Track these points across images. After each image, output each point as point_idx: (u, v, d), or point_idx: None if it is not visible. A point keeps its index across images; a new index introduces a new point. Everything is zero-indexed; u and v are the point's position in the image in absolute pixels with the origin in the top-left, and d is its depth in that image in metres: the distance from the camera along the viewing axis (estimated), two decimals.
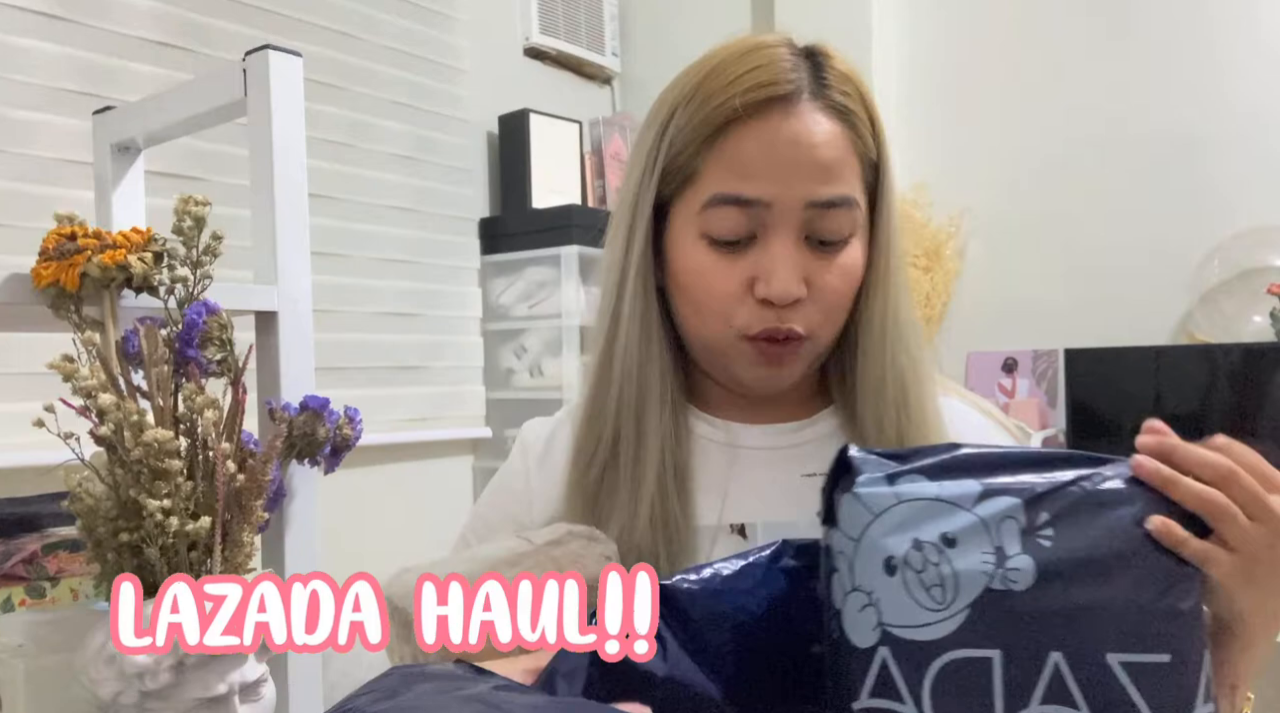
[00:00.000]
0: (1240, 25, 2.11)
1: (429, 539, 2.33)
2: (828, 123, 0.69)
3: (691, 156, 0.70)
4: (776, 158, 0.68)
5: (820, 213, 0.69)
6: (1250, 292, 2.04)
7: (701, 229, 0.70)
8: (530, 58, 2.72)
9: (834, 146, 0.69)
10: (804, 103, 0.69)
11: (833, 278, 0.70)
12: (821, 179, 0.68)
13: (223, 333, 0.72)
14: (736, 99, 0.67)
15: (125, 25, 1.77)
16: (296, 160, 0.86)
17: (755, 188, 0.68)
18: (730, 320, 0.71)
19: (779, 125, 0.68)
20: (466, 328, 2.45)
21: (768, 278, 0.68)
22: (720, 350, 0.73)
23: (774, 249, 0.69)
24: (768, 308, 0.69)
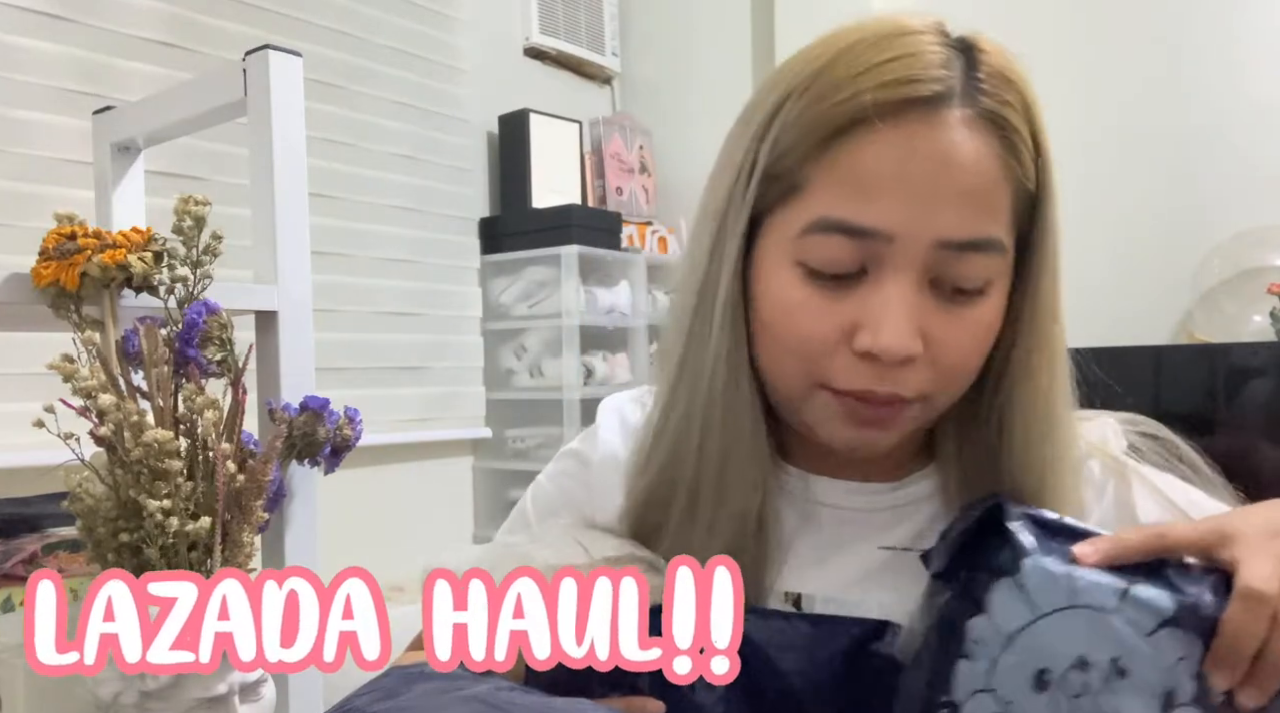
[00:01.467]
0: (1240, 26, 2.11)
1: (429, 539, 2.33)
2: (979, 139, 0.53)
3: (798, 163, 0.55)
4: (908, 180, 0.52)
5: (954, 256, 0.54)
6: (1250, 292, 2.04)
7: (798, 257, 0.56)
8: (530, 58, 2.72)
9: (984, 171, 0.54)
10: (952, 110, 0.53)
11: (959, 335, 0.55)
12: (963, 213, 0.53)
13: (223, 333, 0.71)
14: (867, 95, 0.52)
15: (125, 25, 1.77)
16: (296, 160, 0.86)
17: (875, 216, 0.53)
18: (817, 371, 0.57)
19: (916, 136, 0.52)
20: (466, 328, 2.45)
21: (875, 328, 0.54)
22: (799, 403, 0.60)
23: (888, 292, 0.54)
24: (868, 363, 0.55)
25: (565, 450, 0.77)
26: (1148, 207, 2.19)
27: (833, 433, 0.59)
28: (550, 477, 0.78)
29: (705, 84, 2.80)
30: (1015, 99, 0.55)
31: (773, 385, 0.61)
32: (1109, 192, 2.23)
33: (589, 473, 0.73)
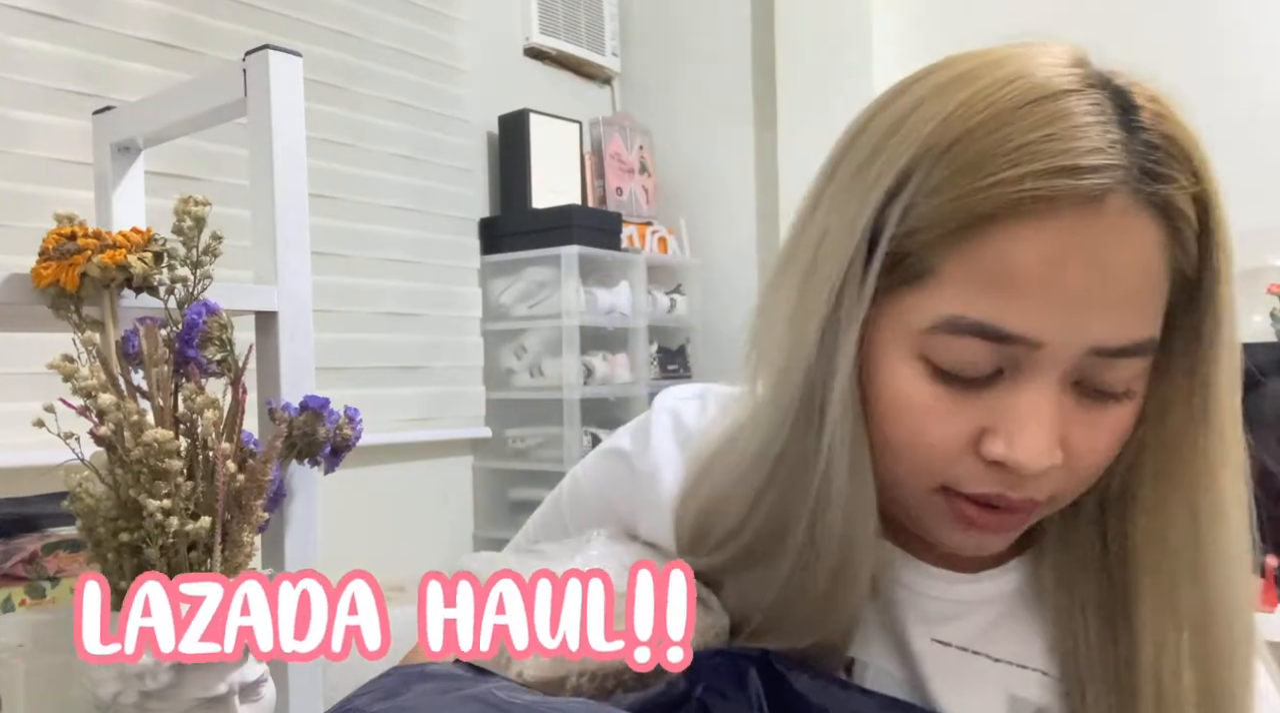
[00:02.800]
0: (1239, 26, 2.11)
1: (429, 539, 2.33)
2: (1143, 230, 0.46)
3: (932, 245, 0.47)
4: (1064, 282, 0.45)
5: (1106, 363, 0.47)
6: (1250, 292, 2.04)
7: (923, 351, 0.49)
8: (530, 58, 2.72)
9: (1147, 270, 0.46)
10: (1120, 197, 0.45)
11: (1099, 438, 0.49)
12: (1122, 318, 0.46)
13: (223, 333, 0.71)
14: (1027, 183, 0.44)
15: (125, 25, 1.77)
16: (296, 160, 0.86)
17: (1022, 321, 0.46)
18: (940, 474, 0.51)
19: (1075, 231, 0.45)
20: (466, 328, 2.45)
21: (1011, 437, 0.47)
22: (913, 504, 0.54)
23: (1030, 398, 0.47)
24: (998, 471, 0.49)
25: (611, 449, 0.70)
26: None
27: (946, 536, 0.53)
28: (590, 478, 0.72)
29: (705, 84, 2.80)
30: (1183, 172, 0.47)
31: (884, 481, 0.53)
32: None
33: (636, 484, 0.67)
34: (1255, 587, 0.52)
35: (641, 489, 0.66)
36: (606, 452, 0.71)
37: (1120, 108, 0.47)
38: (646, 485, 0.66)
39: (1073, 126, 0.45)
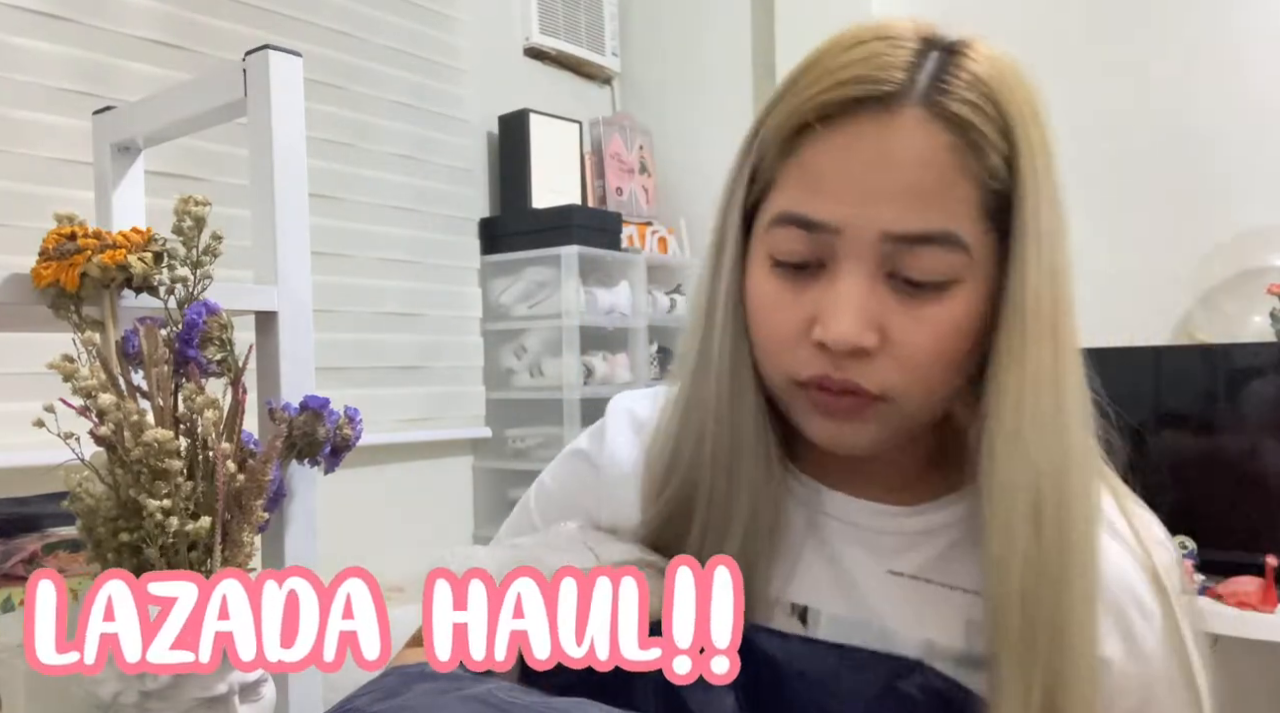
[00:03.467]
0: (1241, 26, 2.11)
1: (429, 539, 2.33)
2: (933, 136, 0.54)
3: (772, 162, 0.58)
4: (852, 175, 0.54)
5: (905, 249, 0.54)
6: (1250, 292, 2.04)
7: (768, 249, 0.58)
8: (530, 58, 2.72)
9: (934, 166, 0.54)
10: (905, 108, 0.54)
11: (918, 331, 0.55)
12: (908, 207, 0.54)
13: (223, 333, 0.72)
14: (823, 95, 0.55)
15: (125, 25, 1.77)
16: (296, 160, 0.86)
17: (823, 209, 0.55)
18: (787, 366, 0.58)
19: (863, 133, 0.54)
20: (466, 328, 2.45)
21: (826, 320, 0.55)
22: (783, 398, 0.61)
23: (839, 286, 0.55)
24: (825, 353, 0.56)
25: (571, 451, 0.76)
26: (1148, 207, 2.19)
27: (811, 429, 0.60)
28: (555, 478, 0.77)
29: (705, 84, 2.80)
30: (984, 98, 0.55)
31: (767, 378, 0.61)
32: (1109, 192, 2.23)
33: (597, 476, 0.72)
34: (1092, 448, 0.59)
35: (603, 478, 0.71)
36: (568, 454, 0.76)
37: (940, 51, 0.56)
38: (607, 472, 0.71)
39: (878, 54, 0.55)
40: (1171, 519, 2.15)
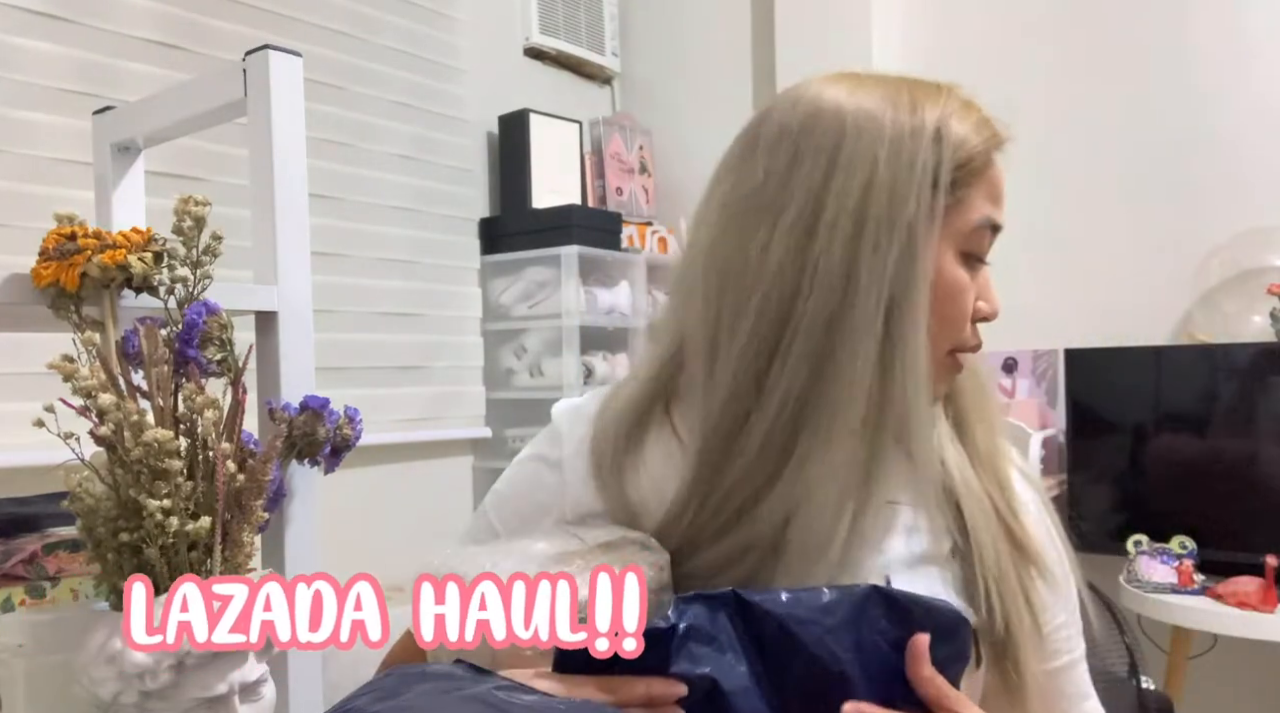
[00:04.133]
0: (1240, 25, 2.11)
1: (429, 539, 2.33)
2: None
3: (967, 176, 0.70)
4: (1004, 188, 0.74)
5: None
6: (1250, 292, 2.04)
7: (964, 247, 0.71)
8: (530, 58, 2.72)
9: None
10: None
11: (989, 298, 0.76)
12: None
13: (223, 333, 0.72)
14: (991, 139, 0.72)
15: (125, 25, 1.77)
16: (296, 160, 0.86)
17: (1000, 215, 0.73)
18: (964, 336, 0.73)
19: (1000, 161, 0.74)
20: (466, 328, 2.45)
21: (990, 299, 0.74)
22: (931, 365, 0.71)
23: (986, 271, 0.74)
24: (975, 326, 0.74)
25: (526, 456, 0.82)
26: (1148, 207, 2.19)
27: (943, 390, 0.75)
28: (511, 484, 0.82)
29: (705, 84, 2.80)
30: None
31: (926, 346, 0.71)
32: (1109, 192, 2.23)
33: (559, 475, 0.78)
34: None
35: (565, 475, 0.78)
36: (523, 460, 0.83)
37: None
38: (569, 468, 0.78)
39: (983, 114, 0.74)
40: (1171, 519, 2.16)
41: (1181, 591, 1.80)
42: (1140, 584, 1.83)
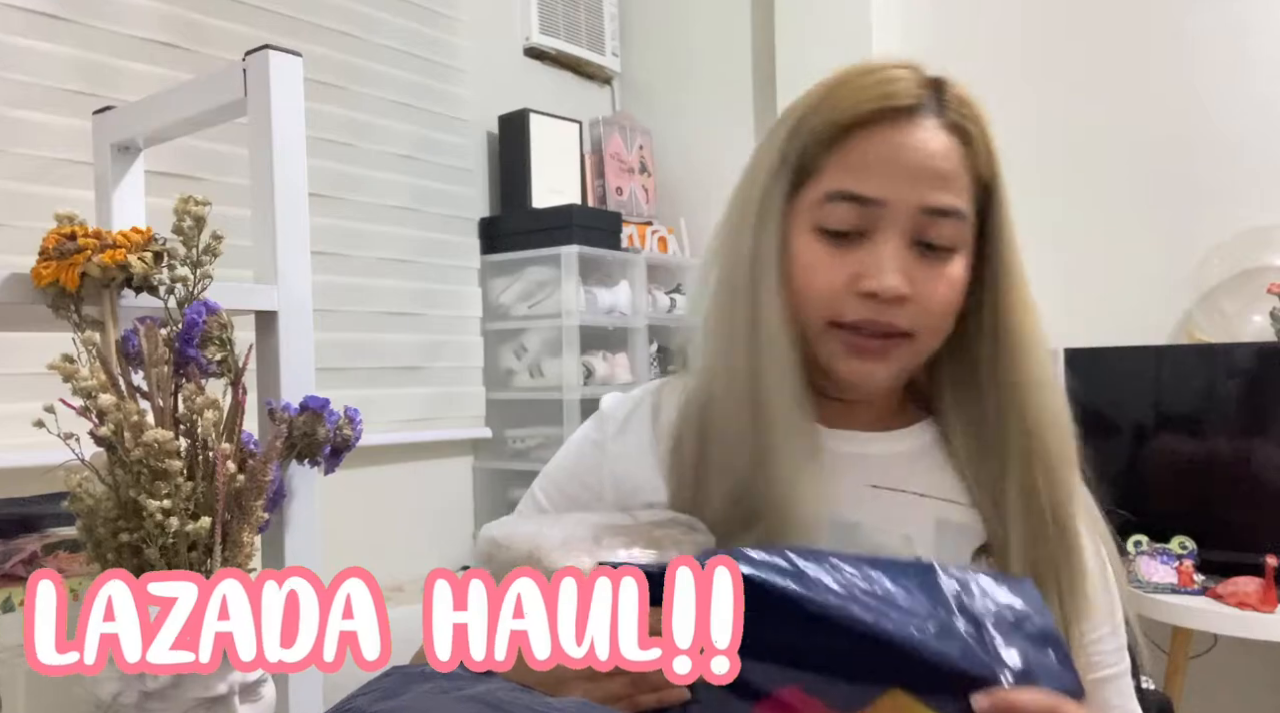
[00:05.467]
0: (1240, 25, 2.11)
1: (429, 539, 2.33)
2: (946, 139, 0.71)
3: (815, 156, 0.72)
4: (896, 162, 0.70)
5: (932, 221, 0.70)
6: (1250, 292, 2.04)
7: (816, 223, 0.72)
8: (530, 58, 2.72)
9: (950, 160, 0.71)
10: (925, 117, 0.71)
11: (938, 285, 0.71)
12: (937, 187, 0.70)
13: (223, 333, 0.72)
14: (864, 105, 0.71)
15: (125, 25, 1.77)
16: (296, 160, 0.86)
17: (873, 188, 0.70)
18: (828, 312, 0.72)
19: (901, 132, 0.71)
20: (466, 328, 2.45)
21: (875, 274, 0.70)
22: (815, 341, 0.74)
23: (883, 248, 0.70)
24: (869, 302, 0.71)
25: (578, 437, 0.85)
26: (1148, 207, 2.19)
27: (840, 367, 0.73)
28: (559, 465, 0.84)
29: (705, 84, 2.80)
30: (972, 116, 0.73)
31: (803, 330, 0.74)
32: (1109, 192, 2.23)
33: (601, 455, 0.81)
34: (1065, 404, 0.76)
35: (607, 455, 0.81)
36: (569, 442, 0.86)
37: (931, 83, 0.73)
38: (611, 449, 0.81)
39: (894, 79, 0.72)
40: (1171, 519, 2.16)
41: (1181, 591, 1.80)
42: (1140, 584, 1.83)
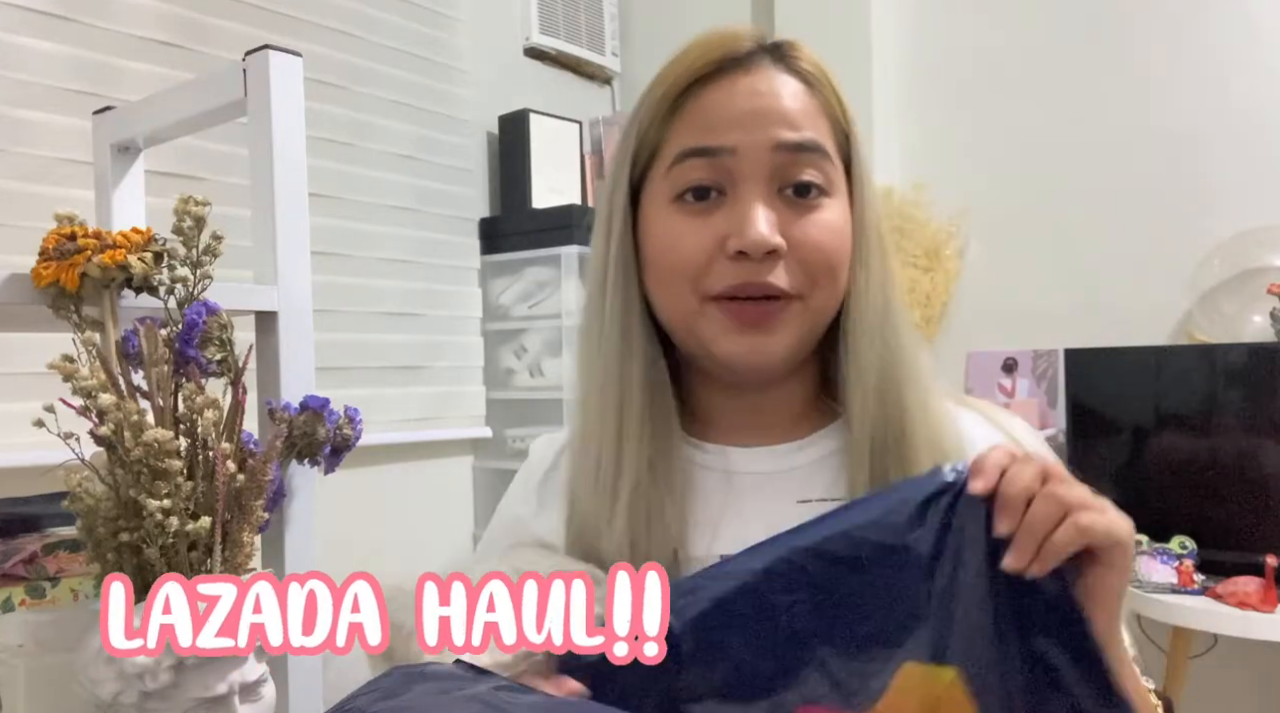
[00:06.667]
0: (1239, 25, 2.11)
1: (429, 539, 2.33)
2: (789, 80, 0.68)
3: (657, 129, 0.69)
4: (738, 107, 0.67)
5: (791, 158, 0.66)
6: (1250, 292, 2.04)
7: (670, 192, 0.68)
8: (530, 58, 2.72)
9: (798, 99, 0.68)
10: (764, 64, 0.69)
11: (813, 230, 0.66)
12: (788, 124, 0.66)
13: (223, 333, 0.72)
14: (698, 63, 0.68)
15: (125, 25, 1.77)
16: (296, 160, 0.86)
17: (719, 137, 0.66)
18: (700, 286, 0.66)
19: (739, 79, 0.68)
20: (466, 328, 2.45)
21: (740, 229, 0.64)
22: (693, 325, 0.68)
23: (744, 202, 0.65)
24: (741, 263, 0.65)
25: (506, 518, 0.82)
26: (1148, 207, 2.19)
27: (727, 346, 0.67)
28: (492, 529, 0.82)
29: None
30: (817, 68, 0.70)
31: (675, 323, 0.69)
32: (1109, 191, 2.23)
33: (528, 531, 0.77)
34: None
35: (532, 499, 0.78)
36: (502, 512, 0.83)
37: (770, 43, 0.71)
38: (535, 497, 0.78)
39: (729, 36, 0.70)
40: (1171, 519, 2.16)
41: (1181, 591, 1.80)
42: (1140, 584, 1.83)
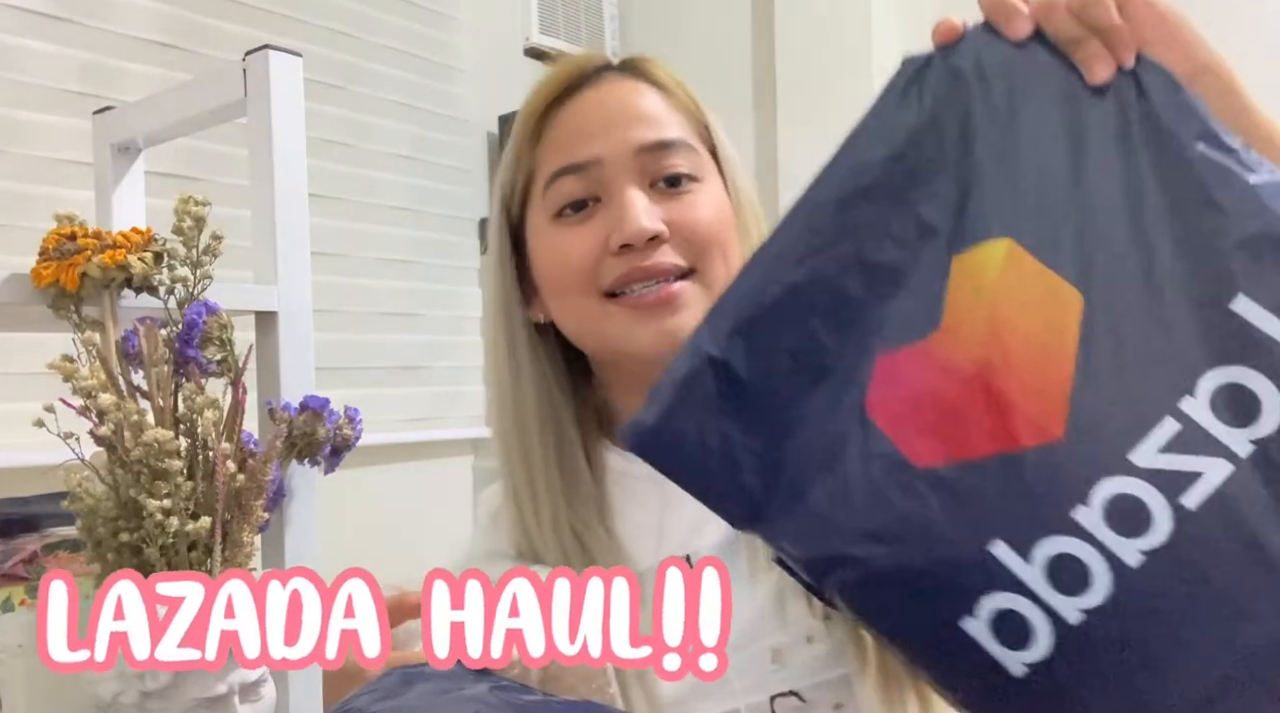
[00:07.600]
0: (1239, 24, 2.11)
1: (429, 539, 2.33)
2: (639, 86, 0.72)
3: (527, 157, 0.73)
4: (595, 118, 0.70)
5: (655, 156, 0.69)
6: None
7: (549, 212, 0.71)
8: (530, 58, 2.72)
9: (651, 100, 0.71)
10: (612, 76, 0.72)
11: (690, 211, 0.69)
12: (645, 125, 0.70)
13: (223, 333, 0.72)
14: (548, 88, 0.71)
15: (125, 25, 1.77)
16: (296, 160, 0.86)
17: (583, 151, 0.69)
18: (594, 285, 0.69)
19: (589, 94, 0.71)
20: (466, 328, 2.45)
21: (619, 224, 0.67)
22: (600, 329, 0.70)
23: (618, 200, 0.68)
24: (628, 254, 0.68)
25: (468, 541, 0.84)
26: None
27: (637, 339, 0.69)
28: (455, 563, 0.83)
29: (705, 85, 2.79)
30: (665, 75, 0.74)
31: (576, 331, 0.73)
32: None
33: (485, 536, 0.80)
34: None
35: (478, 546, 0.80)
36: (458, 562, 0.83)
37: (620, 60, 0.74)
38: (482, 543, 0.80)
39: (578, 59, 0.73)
40: None
41: None
42: None
